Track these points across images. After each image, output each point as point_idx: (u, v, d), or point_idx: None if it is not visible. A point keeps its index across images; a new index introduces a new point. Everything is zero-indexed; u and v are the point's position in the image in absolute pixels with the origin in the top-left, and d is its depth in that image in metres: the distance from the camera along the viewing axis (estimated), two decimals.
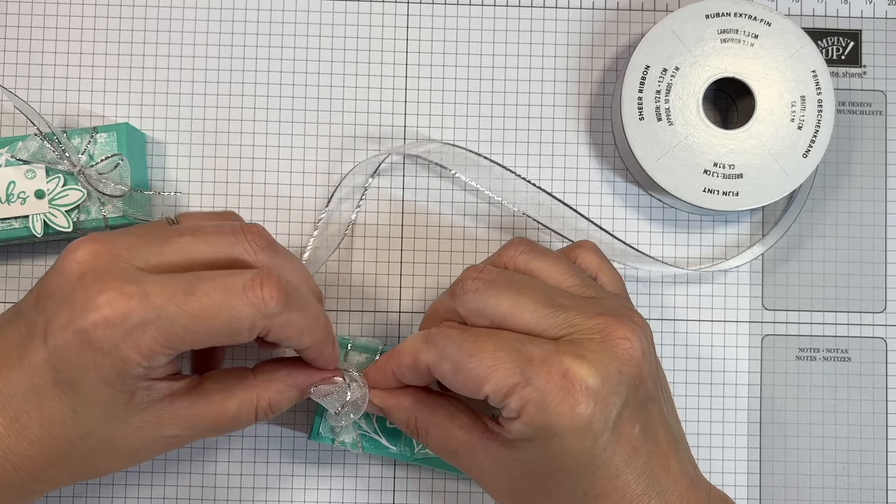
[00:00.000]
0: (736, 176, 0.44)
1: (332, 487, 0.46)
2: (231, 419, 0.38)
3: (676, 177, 0.44)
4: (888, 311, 0.48)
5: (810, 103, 0.44)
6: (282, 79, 0.47)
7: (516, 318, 0.36)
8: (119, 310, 0.34)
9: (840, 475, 0.47)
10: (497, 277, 0.38)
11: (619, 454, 0.35)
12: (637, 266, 0.47)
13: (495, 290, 0.37)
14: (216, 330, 0.35)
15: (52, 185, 0.43)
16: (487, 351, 0.35)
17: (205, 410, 0.37)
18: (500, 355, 0.35)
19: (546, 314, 0.36)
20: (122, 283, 0.35)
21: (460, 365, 0.36)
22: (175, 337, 0.34)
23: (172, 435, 0.37)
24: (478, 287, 0.37)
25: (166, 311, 0.34)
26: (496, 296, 0.37)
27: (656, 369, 0.38)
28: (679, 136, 0.44)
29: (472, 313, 0.37)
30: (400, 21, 0.48)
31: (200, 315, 0.34)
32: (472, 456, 0.38)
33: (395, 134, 0.47)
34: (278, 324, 0.36)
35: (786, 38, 0.44)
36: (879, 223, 0.48)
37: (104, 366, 0.34)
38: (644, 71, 0.44)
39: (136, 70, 0.47)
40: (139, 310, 0.34)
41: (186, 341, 0.35)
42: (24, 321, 0.37)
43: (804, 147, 0.44)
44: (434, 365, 0.37)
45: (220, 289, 0.35)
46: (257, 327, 0.35)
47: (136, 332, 0.34)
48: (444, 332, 0.37)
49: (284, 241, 0.47)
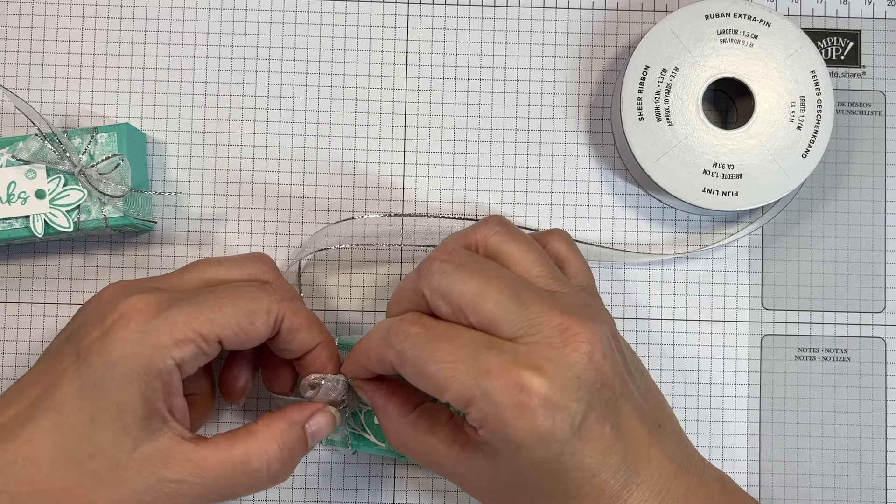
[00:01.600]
0: (735, 176, 0.44)
1: (333, 487, 0.46)
2: (239, 465, 0.38)
3: (676, 177, 0.44)
4: (887, 311, 0.48)
5: (810, 103, 0.44)
6: (282, 79, 0.47)
7: (479, 307, 0.35)
8: (149, 303, 0.37)
9: (839, 475, 0.47)
10: (465, 261, 0.37)
11: (591, 456, 0.35)
12: (635, 260, 0.47)
13: (461, 274, 0.36)
14: (242, 309, 0.38)
15: (52, 185, 0.43)
16: (445, 360, 0.35)
17: (212, 454, 0.37)
18: (458, 365, 0.35)
19: (509, 308, 0.35)
20: (150, 292, 0.38)
21: (420, 370, 0.35)
22: (205, 319, 0.37)
23: (177, 478, 0.37)
24: (445, 269, 0.36)
25: (194, 299, 0.37)
26: (462, 281, 0.36)
27: (622, 364, 0.37)
28: (679, 137, 0.44)
29: (436, 295, 0.36)
30: (400, 21, 0.48)
31: (225, 297, 0.38)
32: (454, 468, 0.38)
33: (395, 134, 0.47)
34: (291, 309, 0.39)
35: (785, 38, 0.45)
36: (879, 223, 0.48)
37: (133, 356, 0.36)
38: (644, 71, 0.45)
39: (136, 70, 0.47)
40: (167, 301, 0.37)
41: (216, 324, 0.37)
42: (52, 356, 0.38)
43: (804, 147, 0.44)
44: (396, 365, 0.37)
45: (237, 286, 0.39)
46: (273, 310, 0.38)
47: (168, 318, 0.36)
48: (403, 333, 0.36)
49: (284, 240, 0.47)
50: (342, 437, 0.43)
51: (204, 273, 0.40)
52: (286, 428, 0.39)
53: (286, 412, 0.40)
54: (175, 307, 0.37)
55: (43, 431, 0.36)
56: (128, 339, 0.36)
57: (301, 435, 0.39)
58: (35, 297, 0.46)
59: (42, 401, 0.37)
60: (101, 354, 0.36)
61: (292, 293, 0.41)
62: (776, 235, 0.48)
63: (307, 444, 0.40)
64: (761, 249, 0.48)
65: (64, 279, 0.47)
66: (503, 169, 0.47)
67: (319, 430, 0.40)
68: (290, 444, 0.39)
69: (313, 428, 0.40)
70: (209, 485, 0.37)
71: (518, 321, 0.35)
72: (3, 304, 0.47)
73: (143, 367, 0.36)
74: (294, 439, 0.39)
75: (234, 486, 0.38)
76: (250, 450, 0.38)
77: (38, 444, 0.36)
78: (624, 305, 0.47)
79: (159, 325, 0.36)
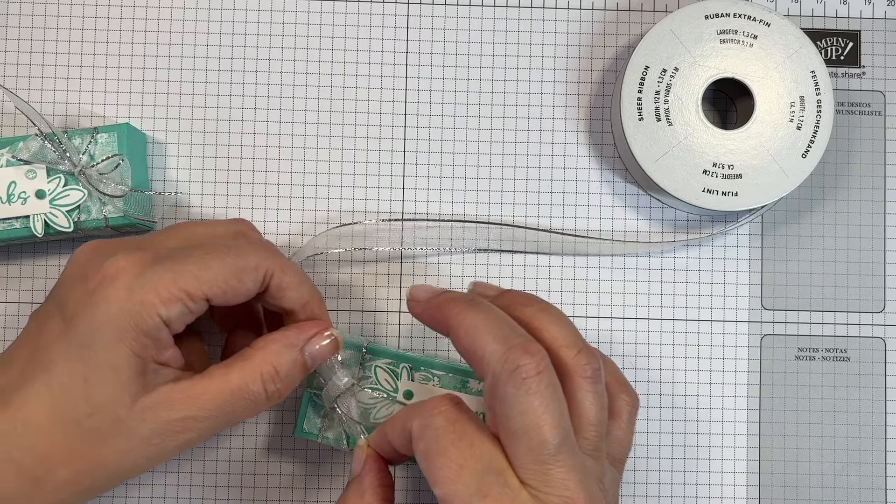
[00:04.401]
0: (735, 176, 0.44)
1: (333, 487, 0.46)
2: (237, 391, 0.38)
3: (676, 177, 0.44)
4: (887, 311, 0.48)
5: (809, 104, 0.45)
6: (282, 79, 0.47)
7: (518, 443, 0.34)
8: (134, 261, 0.36)
9: (839, 475, 0.47)
10: (550, 381, 0.35)
11: None
12: (634, 251, 0.47)
13: (529, 399, 0.34)
14: (229, 265, 0.37)
15: (52, 185, 0.43)
16: (455, 460, 0.34)
17: (209, 387, 0.37)
18: (463, 473, 0.34)
19: (540, 455, 0.34)
20: (130, 248, 0.38)
21: (428, 455, 0.35)
22: (191, 276, 0.36)
23: (181, 416, 0.37)
24: (518, 385, 0.34)
25: (179, 256, 0.37)
26: (523, 408, 0.34)
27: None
28: (678, 137, 0.44)
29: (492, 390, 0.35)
30: (400, 21, 0.48)
31: (211, 254, 0.37)
32: None
33: (395, 134, 0.47)
34: (280, 264, 0.39)
35: (785, 38, 0.45)
36: (878, 223, 0.48)
37: (120, 316, 0.35)
38: (643, 71, 0.45)
39: (136, 70, 0.47)
40: (152, 259, 0.37)
41: (202, 281, 0.36)
42: (36, 320, 0.38)
43: (803, 147, 0.45)
44: (413, 437, 0.36)
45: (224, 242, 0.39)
46: (262, 266, 0.38)
47: (154, 276, 0.36)
48: (435, 409, 0.36)
49: (284, 240, 0.47)
50: (336, 436, 0.43)
51: (185, 232, 0.40)
52: (281, 350, 0.39)
53: (283, 333, 0.39)
54: (160, 264, 0.36)
55: (36, 395, 0.36)
56: (113, 298, 0.36)
57: (297, 357, 0.39)
58: (35, 297, 0.46)
59: (31, 365, 0.37)
60: (87, 315, 0.36)
61: (277, 250, 0.40)
62: (776, 235, 0.48)
63: (307, 366, 0.40)
64: (761, 249, 0.48)
65: None
66: (503, 169, 0.47)
67: (321, 353, 0.40)
68: (285, 365, 0.39)
69: (313, 349, 0.40)
70: (212, 415, 0.37)
71: (538, 470, 0.34)
72: (4, 304, 0.47)
73: (132, 325, 0.36)
74: (289, 361, 0.39)
75: (235, 411, 0.38)
76: (245, 375, 0.38)
77: (33, 407, 0.36)
78: (624, 305, 0.47)
79: (144, 283, 0.36)
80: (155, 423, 0.37)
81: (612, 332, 0.47)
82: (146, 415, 0.36)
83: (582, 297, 0.47)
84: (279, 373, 0.38)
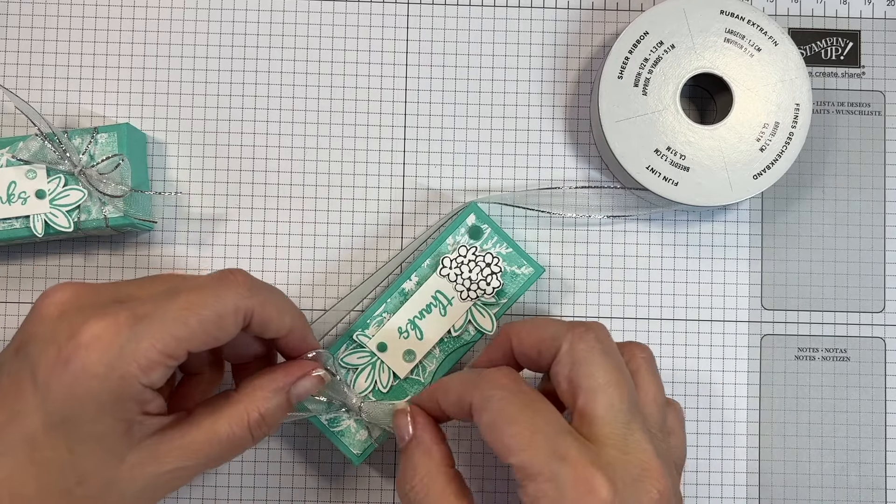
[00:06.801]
0: (683, 167, 0.44)
1: (333, 487, 0.46)
2: (226, 440, 0.38)
3: (628, 144, 0.44)
4: (887, 311, 0.48)
5: (781, 132, 0.44)
6: (282, 79, 0.47)
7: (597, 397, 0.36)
8: (109, 328, 0.35)
9: (839, 475, 0.47)
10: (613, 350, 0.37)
11: None
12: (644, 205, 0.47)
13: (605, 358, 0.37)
14: (206, 319, 0.36)
15: (52, 185, 0.43)
16: (526, 426, 0.35)
17: (198, 436, 0.37)
18: (537, 438, 0.35)
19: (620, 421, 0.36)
20: (105, 308, 0.35)
21: (496, 425, 0.35)
22: (170, 338, 0.35)
23: (171, 469, 0.36)
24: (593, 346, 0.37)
25: (156, 315, 0.35)
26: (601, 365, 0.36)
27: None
28: (647, 108, 0.44)
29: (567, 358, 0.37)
30: (400, 21, 0.48)
31: (189, 307, 0.35)
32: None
33: (395, 134, 0.47)
34: (259, 301, 0.37)
35: (785, 62, 0.44)
36: (878, 223, 0.48)
37: (101, 391, 0.34)
38: (642, 35, 0.44)
39: (136, 70, 0.47)
40: (128, 323, 0.35)
41: (182, 340, 0.35)
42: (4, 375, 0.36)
43: (758, 169, 0.44)
44: (475, 409, 0.37)
45: (200, 285, 0.37)
46: (241, 308, 0.37)
47: (131, 345, 0.34)
48: (495, 382, 0.37)
49: (284, 241, 0.47)
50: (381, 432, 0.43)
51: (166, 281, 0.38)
52: (268, 396, 0.39)
53: (270, 377, 0.39)
54: (138, 326, 0.35)
55: (21, 469, 0.35)
56: (92, 374, 0.34)
57: (283, 400, 0.39)
58: (35, 297, 0.46)
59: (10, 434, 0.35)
60: (63, 386, 0.34)
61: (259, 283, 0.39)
62: (776, 235, 0.48)
63: (291, 405, 0.40)
64: (761, 249, 0.48)
65: (64, 279, 0.47)
66: (503, 169, 0.47)
67: (304, 392, 0.40)
68: (272, 410, 0.39)
69: (298, 390, 0.40)
70: (200, 463, 0.37)
71: (618, 434, 0.35)
72: (3, 304, 0.47)
73: (113, 398, 0.34)
74: (275, 406, 0.39)
75: (222, 456, 0.38)
76: (233, 423, 0.38)
77: (19, 479, 0.35)
78: (624, 305, 0.47)
79: (123, 354, 0.34)
80: (145, 479, 0.36)
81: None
82: (135, 472, 0.36)
83: (582, 297, 0.47)
84: (266, 419, 0.38)
